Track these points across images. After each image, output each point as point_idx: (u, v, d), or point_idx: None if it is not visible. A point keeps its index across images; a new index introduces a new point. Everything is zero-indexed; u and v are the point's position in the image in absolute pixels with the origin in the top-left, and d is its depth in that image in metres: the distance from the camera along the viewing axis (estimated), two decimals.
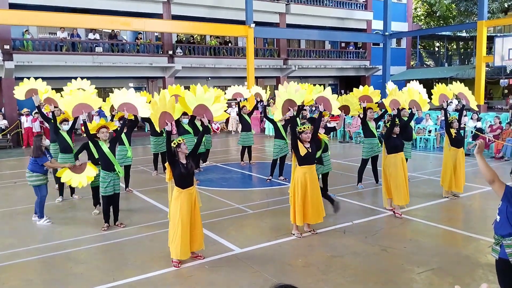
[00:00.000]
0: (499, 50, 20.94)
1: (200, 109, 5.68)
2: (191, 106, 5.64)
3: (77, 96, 7.14)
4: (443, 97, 8.96)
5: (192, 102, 5.63)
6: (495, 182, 3.53)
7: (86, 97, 7.20)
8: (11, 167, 13.19)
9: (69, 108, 7.08)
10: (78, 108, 7.06)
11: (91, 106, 7.19)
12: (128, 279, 5.10)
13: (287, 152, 10.14)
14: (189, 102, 5.63)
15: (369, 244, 6.07)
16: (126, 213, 7.68)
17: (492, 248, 3.65)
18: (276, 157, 10.20)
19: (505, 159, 12.45)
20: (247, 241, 6.21)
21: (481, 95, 21.85)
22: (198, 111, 5.71)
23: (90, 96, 7.29)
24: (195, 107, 5.67)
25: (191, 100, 5.62)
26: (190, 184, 5.47)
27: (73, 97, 7.13)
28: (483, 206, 8.07)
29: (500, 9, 32.20)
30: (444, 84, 9.81)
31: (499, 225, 3.56)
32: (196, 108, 5.67)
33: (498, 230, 3.58)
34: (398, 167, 7.25)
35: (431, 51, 38.76)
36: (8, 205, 8.56)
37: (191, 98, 5.63)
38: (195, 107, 5.67)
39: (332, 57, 28.23)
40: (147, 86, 24.74)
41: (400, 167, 7.26)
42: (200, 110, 5.69)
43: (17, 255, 5.94)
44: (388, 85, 9.22)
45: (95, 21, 18.51)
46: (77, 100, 7.08)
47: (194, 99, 5.62)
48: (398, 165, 7.25)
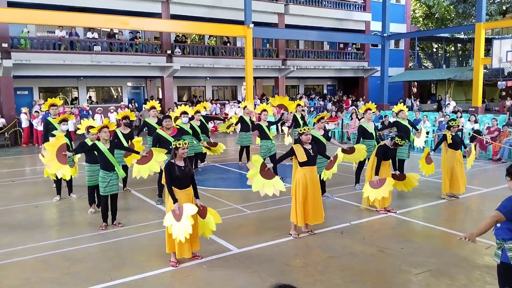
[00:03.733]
0: (497, 52, 20.99)
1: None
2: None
3: (49, 152, 7.14)
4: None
5: None
6: (498, 219, 3.56)
7: (52, 144, 7.21)
8: (8, 166, 13.16)
9: (55, 163, 7.11)
10: (59, 156, 7.11)
11: (62, 145, 7.22)
12: (125, 278, 5.10)
13: (275, 152, 10.24)
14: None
15: (367, 245, 6.08)
16: (124, 212, 7.68)
17: (495, 253, 3.65)
18: (264, 157, 10.21)
19: (502, 161, 12.49)
20: (245, 241, 6.21)
21: (479, 97, 21.93)
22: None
23: (54, 142, 7.30)
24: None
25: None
26: (187, 185, 5.47)
27: (48, 155, 7.15)
28: (481, 207, 8.10)
29: (498, 11, 32.30)
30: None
31: (500, 230, 3.57)
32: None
33: (499, 234, 3.59)
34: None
35: (429, 53, 38.86)
36: (6, 204, 8.55)
37: None
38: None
39: (330, 58, 28.28)
40: (146, 85, 24.73)
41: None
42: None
43: (15, 253, 5.93)
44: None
45: (93, 20, 18.48)
46: (51, 154, 7.10)
47: None
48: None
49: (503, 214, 3.52)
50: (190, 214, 5.11)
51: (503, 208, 3.54)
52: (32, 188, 9.90)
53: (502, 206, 3.56)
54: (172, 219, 5.16)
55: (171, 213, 5.22)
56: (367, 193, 7.42)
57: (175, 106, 19.60)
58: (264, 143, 10.23)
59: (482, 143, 13.40)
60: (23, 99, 20.03)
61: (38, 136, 16.85)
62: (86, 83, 22.57)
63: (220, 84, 27.40)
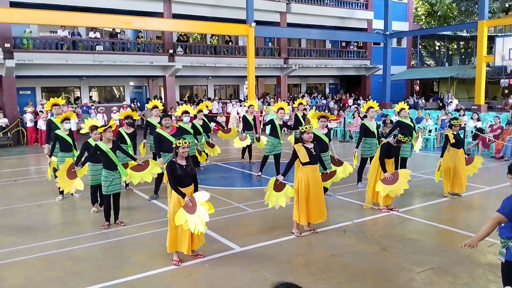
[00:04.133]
0: (500, 50, 20.91)
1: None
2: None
3: (61, 177, 7.45)
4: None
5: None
6: (499, 221, 3.55)
7: (62, 170, 7.47)
8: (11, 165, 13.20)
9: (68, 182, 7.45)
10: (69, 174, 7.37)
11: (70, 165, 7.46)
12: (128, 277, 5.11)
13: (280, 151, 10.25)
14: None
15: (369, 243, 6.08)
16: (126, 211, 7.70)
17: (499, 251, 3.63)
18: (268, 154, 10.30)
19: (505, 159, 12.46)
20: (247, 240, 6.22)
21: (481, 95, 21.86)
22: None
23: (63, 166, 7.54)
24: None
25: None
26: (189, 184, 5.48)
27: (61, 180, 7.46)
28: (483, 205, 8.09)
29: (501, 9, 32.17)
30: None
31: (504, 229, 3.55)
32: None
33: (503, 233, 3.56)
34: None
35: (432, 51, 38.73)
36: (9, 203, 8.58)
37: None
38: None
39: (332, 57, 28.23)
40: (148, 85, 24.76)
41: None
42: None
43: (18, 253, 5.95)
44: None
45: (96, 20, 18.48)
46: (63, 177, 7.41)
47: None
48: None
49: (504, 215, 3.50)
50: (203, 201, 5.17)
51: (503, 209, 3.52)
52: (35, 188, 9.93)
53: (502, 207, 3.54)
54: (185, 214, 5.20)
55: (182, 209, 5.24)
56: (384, 191, 7.24)
57: (177, 105, 19.62)
58: (272, 140, 10.19)
59: (485, 141, 13.36)
60: (26, 99, 20.08)
61: (42, 136, 16.91)
62: (88, 83, 22.62)
63: (222, 83, 27.39)
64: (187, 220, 5.16)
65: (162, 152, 8.37)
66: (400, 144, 7.42)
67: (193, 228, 5.13)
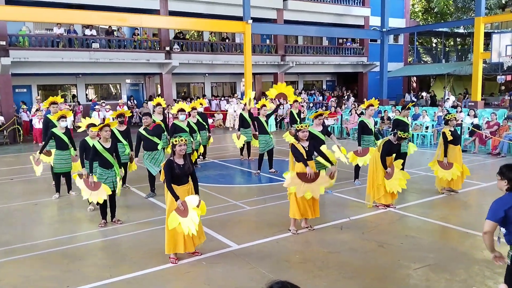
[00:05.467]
0: (496, 46, 20.93)
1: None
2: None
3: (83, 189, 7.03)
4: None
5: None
6: (491, 229, 3.50)
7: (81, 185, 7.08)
8: (7, 164, 13.15)
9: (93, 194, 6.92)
10: (90, 187, 6.89)
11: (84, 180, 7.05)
12: (125, 275, 5.10)
13: (272, 146, 10.64)
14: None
15: (366, 240, 6.08)
16: (123, 209, 7.68)
17: (507, 253, 3.56)
18: (263, 152, 10.61)
19: (501, 156, 12.48)
20: (244, 237, 6.21)
21: (478, 91, 21.90)
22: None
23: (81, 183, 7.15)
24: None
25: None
26: (186, 182, 5.46)
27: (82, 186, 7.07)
28: (480, 202, 8.10)
29: (497, 5, 32.18)
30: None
31: (509, 236, 3.49)
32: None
33: (509, 241, 3.51)
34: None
35: (429, 48, 38.77)
36: (5, 202, 8.54)
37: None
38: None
39: (329, 54, 28.23)
40: (144, 82, 24.68)
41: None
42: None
43: (14, 251, 5.93)
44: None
45: (91, 17, 18.35)
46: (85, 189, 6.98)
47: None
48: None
49: (494, 221, 3.46)
50: (194, 205, 5.17)
51: (493, 216, 3.46)
52: (31, 186, 9.90)
53: (491, 214, 3.48)
54: (178, 218, 5.21)
55: (175, 212, 5.24)
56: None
57: (174, 103, 19.57)
58: (263, 137, 10.57)
59: (482, 137, 13.39)
60: (22, 97, 19.99)
61: (36, 134, 16.85)
62: (84, 81, 22.53)
63: (219, 81, 27.35)
64: (181, 223, 5.20)
65: (145, 151, 8.48)
66: (401, 141, 7.42)
67: (186, 231, 5.18)
